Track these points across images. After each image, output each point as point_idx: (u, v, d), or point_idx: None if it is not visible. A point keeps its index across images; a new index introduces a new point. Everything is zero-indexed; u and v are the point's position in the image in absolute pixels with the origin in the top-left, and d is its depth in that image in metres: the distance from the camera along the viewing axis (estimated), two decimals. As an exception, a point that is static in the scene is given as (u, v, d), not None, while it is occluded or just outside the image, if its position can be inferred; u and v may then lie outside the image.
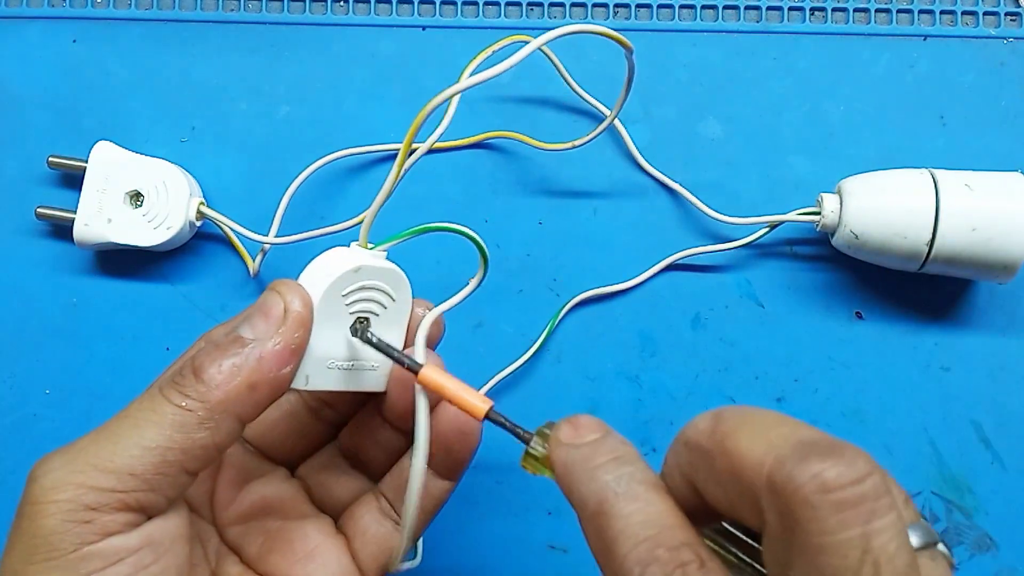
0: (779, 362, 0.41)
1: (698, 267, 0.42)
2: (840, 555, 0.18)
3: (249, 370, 0.25)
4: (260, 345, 0.25)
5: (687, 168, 0.42)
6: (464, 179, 0.42)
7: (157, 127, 0.43)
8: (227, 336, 0.26)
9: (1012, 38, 0.43)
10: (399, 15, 0.44)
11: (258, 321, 0.26)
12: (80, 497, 0.23)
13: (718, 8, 0.44)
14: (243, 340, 0.25)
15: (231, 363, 0.25)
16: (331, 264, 0.27)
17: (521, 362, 0.41)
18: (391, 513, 0.30)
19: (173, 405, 0.24)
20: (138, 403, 0.25)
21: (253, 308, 0.26)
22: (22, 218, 0.42)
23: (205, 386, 0.24)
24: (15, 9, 0.44)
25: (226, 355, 0.25)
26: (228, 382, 0.25)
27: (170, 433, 0.24)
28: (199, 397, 0.24)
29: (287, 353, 0.26)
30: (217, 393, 0.24)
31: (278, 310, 0.26)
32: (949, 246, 0.37)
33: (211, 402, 0.24)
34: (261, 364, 0.25)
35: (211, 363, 0.25)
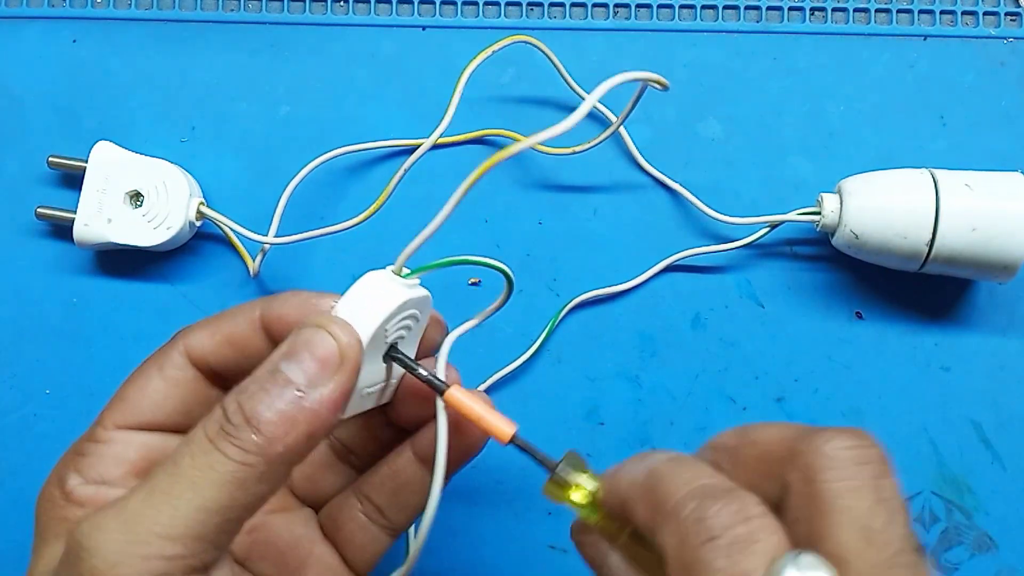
0: (779, 362, 0.41)
1: (698, 267, 0.42)
2: (857, 497, 0.21)
3: (307, 421, 0.24)
4: (316, 392, 0.24)
5: (687, 168, 0.42)
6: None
7: (157, 127, 0.43)
8: (273, 376, 0.24)
9: (1012, 38, 0.43)
10: (399, 15, 0.44)
11: (309, 364, 0.24)
12: (150, 570, 0.22)
13: (718, 8, 0.44)
14: (294, 384, 0.24)
15: (287, 412, 0.23)
16: (376, 299, 0.26)
17: (520, 362, 0.41)
18: (378, 518, 0.30)
19: (233, 462, 0.23)
20: (190, 458, 0.23)
21: (299, 344, 0.25)
22: (22, 218, 0.42)
23: (264, 439, 0.23)
24: (15, 9, 0.44)
25: (281, 402, 0.23)
26: (287, 434, 0.23)
27: (231, 492, 0.23)
28: (258, 451, 0.23)
29: (342, 399, 0.25)
30: (277, 447, 0.23)
31: (332, 354, 0.24)
32: (949, 246, 0.37)
33: (270, 456, 0.23)
34: (318, 414, 0.24)
35: (267, 411, 0.23)
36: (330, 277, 0.42)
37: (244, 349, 0.28)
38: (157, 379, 0.28)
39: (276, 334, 0.28)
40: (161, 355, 0.28)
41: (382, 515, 0.30)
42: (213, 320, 0.29)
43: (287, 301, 0.28)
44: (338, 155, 0.41)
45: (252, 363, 0.26)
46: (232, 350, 0.28)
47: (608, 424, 0.41)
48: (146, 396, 0.28)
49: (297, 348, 0.25)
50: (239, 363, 0.28)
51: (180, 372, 0.28)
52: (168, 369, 0.28)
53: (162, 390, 0.28)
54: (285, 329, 0.27)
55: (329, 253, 0.42)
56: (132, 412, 0.27)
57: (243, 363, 0.28)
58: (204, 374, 0.28)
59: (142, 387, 0.28)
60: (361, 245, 0.42)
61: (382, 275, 0.27)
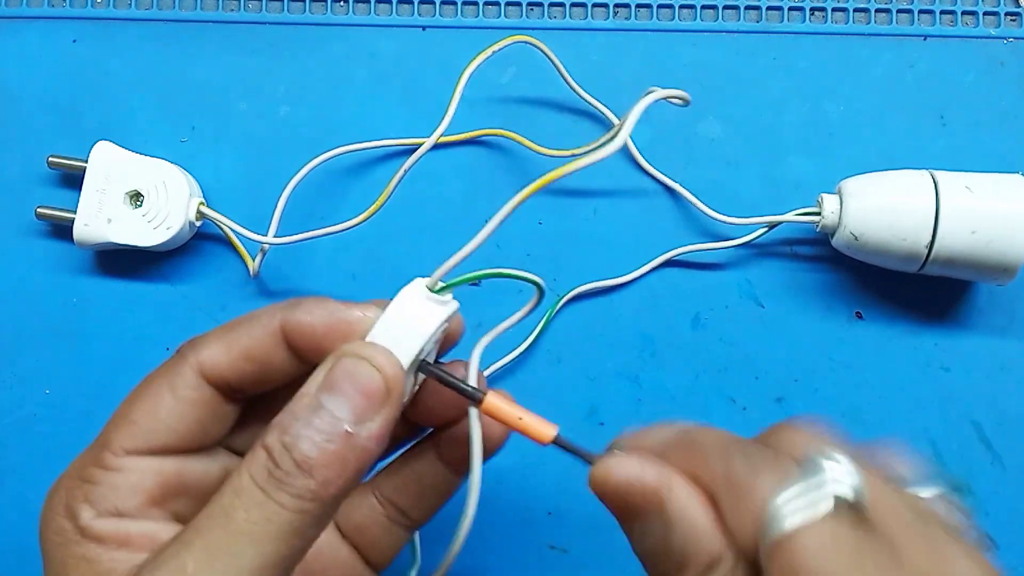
0: (779, 362, 0.41)
1: (698, 266, 0.42)
2: None
3: (357, 459, 0.23)
4: (365, 428, 0.23)
5: (687, 168, 0.42)
6: (464, 179, 0.42)
7: (157, 127, 0.43)
8: (317, 413, 0.23)
9: (1012, 38, 0.43)
10: (399, 15, 0.44)
11: (355, 398, 0.23)
12: None
13: (718, 8, 0.44)
14: (341, 420, 0.23)
15: (339, 453, 0.23)
16: (415, 321, 0.25)
17: (517, 353, 0.40)
18: (400, 519, 0.29)
19: (289, 512, 0.22)
20: (245, 512, 0.22)
21: (340, 376, 0.23)
22: (22, 218, 0.42)
23: (318, 483, 0.22)
24: (15, 9, 0.44)
25: (331, 442, 0.23)
26: (340, 476, 0.23)
27: (290, 542, 0.22)
28: (313, 497, 0.22)
29: (388, 431, 0.24)
30: (331, 489, 0.22)
31: (378, 387, 0.24)
32: (948, 248, 0.37)
33: (325, 499, 0.22)
34: (369, 451, 0.23)
35: (317, 453, 0.22)
36: (330, 277, 0.42)
37: (265, 364, 0.26)
38: (169, 399, 0.26)
39: (301, 348, 0.26)
40: (171, 372, 0.26)
41: (404, 515, 0.29)
42: (226, 331, 0.26)
43: (311, 311, 0.26)
44: (338, 155, 0.41)
45: (273, 378, 0.26)
46: (251, 365, 0.26)
47: (608, 424, 0.41)
48: (159, 419, 0.25)
49: (338, 380, 0.23)
50: (259, 378, 0.26)
51: (195, 392, 0.26)
52: (181, 389, 0.26)
53: (176, 411, 0.26)
54: (311, 343, 0.25)
55: (329, 253, 0.42)
56: (144, 436, 0.25)
57: (263, 378, 0.26)
58: (220, 391, 0.26)
59: (153, 408, 0.25)
60: (361, 245, 0.42)
61: (416, 292, 0.26)
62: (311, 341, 0.25)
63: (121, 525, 0.24)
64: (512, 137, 0.42)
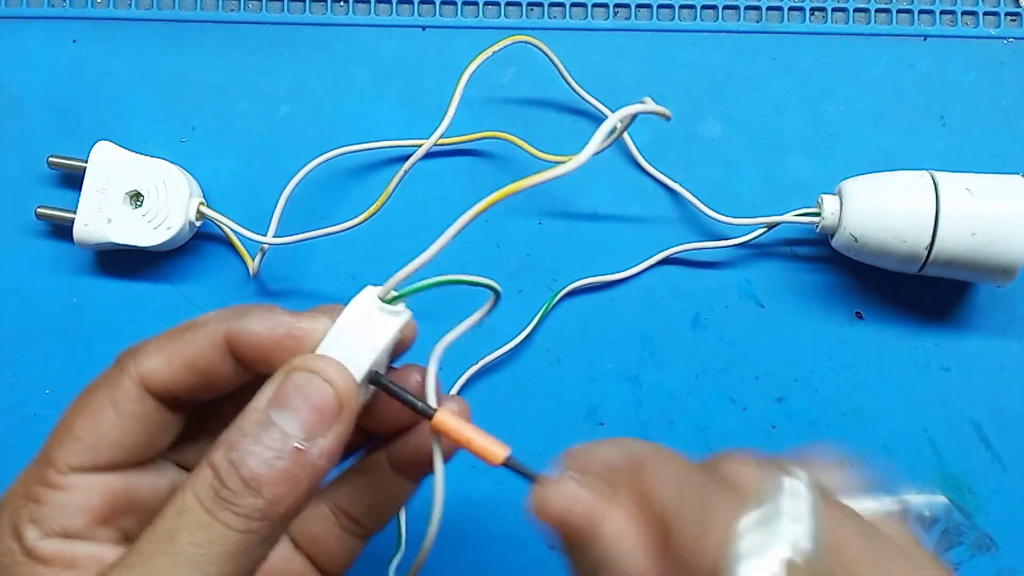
0: (779, 362, 0.41)
1: (697, 266, 0.42)
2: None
3: (308, 476, 0.22)
4: (316, 445, 0.22)
5: (687, 168, 0.42)
6: (464, 179, 0.42)
7: (157, 127, 0.43)
8: (266, 429, 0.22)
9: (1012, 38, 0.43)
10: (399, 15, 0.44)
11: (305, 413, 0.22)
12: None
13: (718, 8, 0.44)
14: (291, 437, 0.22)
15: (288, 470, 0.22)
16: (367, 333, 0.24)
17: (512, 345, 0.40)
18: (354, 528, 0.28)
19: (235, 532, 0.21)
20: (188, 534, 0.21)
21: (290, 390, 0.23)
22: (22, 218, 0.42)
23: (266, 502, 0.22)
24: (15, 9, 0.44)
25: (280, 459, 0.22)
26: (290, 494, 0.22)
27: (236, 563, 0.21)
28: (260, 516, 0.22)
29: (341, 447, 0.23)
30: (280, 508, 0.22)
31: (330, 402, 0.23)
32: (948, 250, 0.37)
33: (274, 518, 0.22)
34: (319, 467, 0.22)
35: (266, 471, 0.22)
36: (330, 277, 0.42)
37: (209, 375, 0.25)
38: (111, 413, 0.24)
39: (247, 359, 0.25)
40: (111, 385, 0.25)
41: (358, 524, 0.28)
42: (167, 341, 0.25)
43: (258, 321, 0.25)
44: (338, 155, 0.41)
45: (218, 387, 0.25)
46: (195, 376, 0.25)
47: (608, 424, 0.41)
48: (101, 434, 0.24)
49: (288, 395, 0.23)
50: (203, 388, 0.25)
51: (137, 405, 0.25)
52: (123, 402, 0.24)
53: (119, 426, 0.24)
54: (258, 354, 0.24)
55: (329, 253, 0.42)
56: (88, 453, 0.24)
57: (207, 388, 0.25)
58: (163, 402, 0.25)
59: (95, 423, 0.24)
60: (361, 245, 0.42)
61: (368, 302, 0.25)
62: (258, 352, 0.24)
63: (67, 547, 0.23)
64: (511, 140, 0.42)
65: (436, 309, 0.29)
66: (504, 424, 0.40)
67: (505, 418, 0.41)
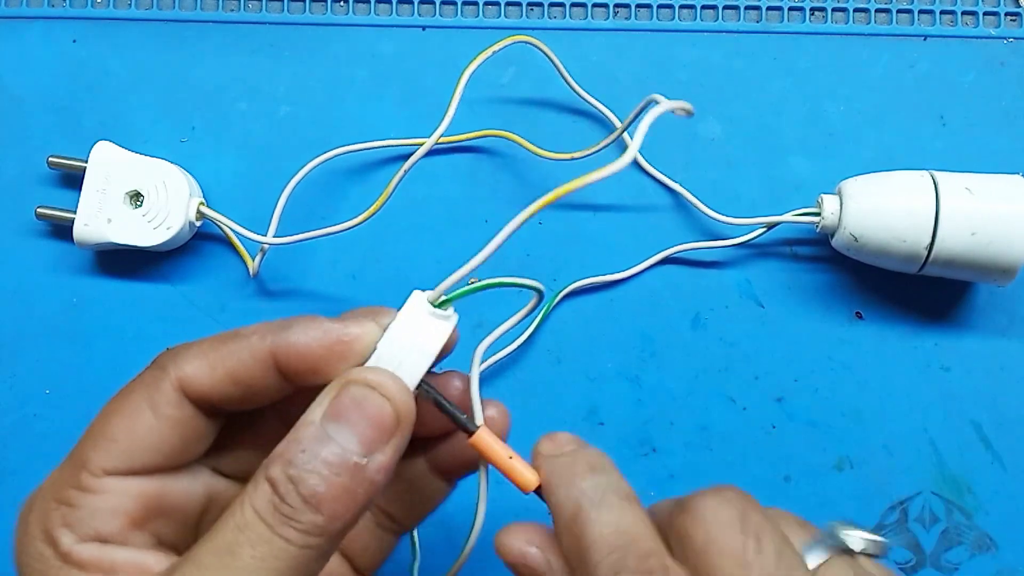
0: (779, 362, 0.41)
1: (698, 266, 0.42)
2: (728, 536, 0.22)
3: (366, 492, 0.22)
4: (375, 460, 0.22)
5: (687, 168, 0.42)
6: (464, 179, 0.42)
7: (157, 127, 0.43)
8: (324, 443, 0.22)
9: (1012, 38, 0.43)
10: (399, 15, 0.44)
11: (364, 429, 0.22)
12: None
13: (718, 8, 0.44)
14: (350, 452, 0.22)
15: (348, 486, 0.22)
16: (420, 341, 0.24)
17: (512, 348, 0.40)
18: (390, 525, 0.29)
19: (296, 548, 0.21)
20: (250, 547, 0.21)
21: (347, 405, 0.23)
22: (22, 218, 0.42)
23: (325, 519, 0.22)
24: (15, 9, 0.44)
25: (339, 476, 0.22)
26: (348, 510, 0.22)
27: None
28: (320, 532, 0.22)
29: (397, 461, 0.23)
30: (338, 524, 0.22)
31: (388, 417, 0.23)
32: (948, 250, 0.37)
33: (332, 533, 0.22)
34: (377, 483, 0.22)
35: (325, 488, 0.22)
36: (330, 277, 0.42)
37: (251, 388, 0.25)
38: (149, 417, 0.24)
39: (295, 371, 0.24)
40: (151, 388, 0.25)
41: (394, 521, 0.29)
42: (209, 348, 0.25)
43: (304, 331, 0.24)
44: (338, 155, 0.41)
45: (258, 400, 0.25)
46: (236, 388, 0.25)
47: (608, 424, 0.41)
48: (139, 437, 0.24)
49: (346, 409, 0.23)
50: (243, 400, 0.25)
51: (176, 410, 0.24)
52: (162, 407, 0.24)
53: (157, 431, 0.24)
54: (306, 366, 0.24)
55: (329, 253, 0.42)
56: (124, 456, 0.24)
57: (248, 399, 0.25)
58: (202, 410, 0.25)
59: (132, 426, 0.24)
60: (361, 245, 0.42)
61: (419, 308, 0.25)
62: (308, 363, 0.24)
63: (105, 552, 0.23)
64: (512, 139, 0.42)
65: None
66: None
67: (505, 418, 0.41)
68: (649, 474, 0.40)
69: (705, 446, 0.41)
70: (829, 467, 0.40)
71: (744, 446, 0.41)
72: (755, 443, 0.41)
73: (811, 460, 0.40)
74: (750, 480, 0.40)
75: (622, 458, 0.41)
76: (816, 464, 0.40)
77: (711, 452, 0.40)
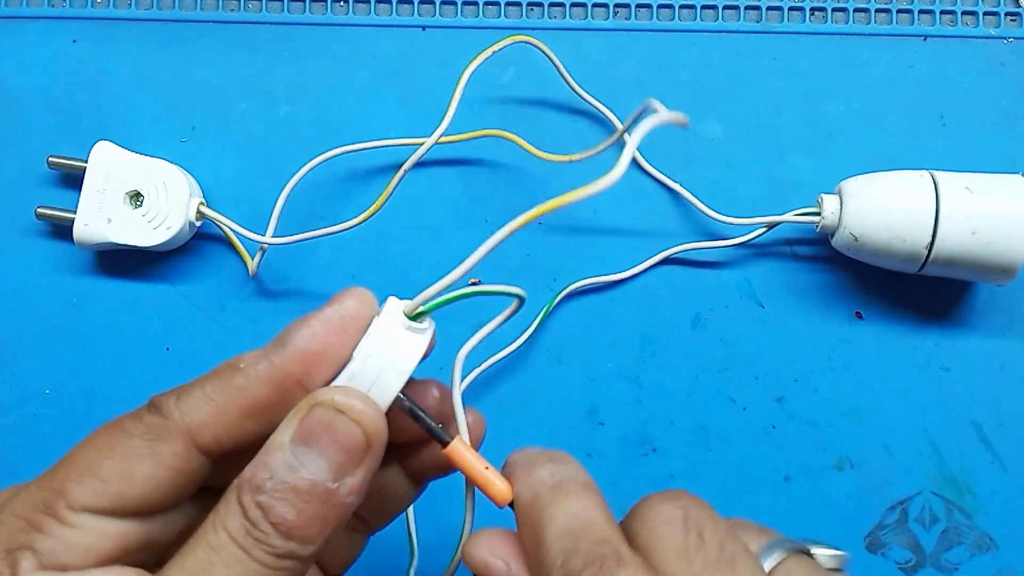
0: (779, 362, 0.41)
1: (698, 266, 0.42)
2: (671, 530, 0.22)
3: (337, 516, 0.22)
4: (345, 484, 0.22)
5: (687, 168, 0.42)
6: (464, 179, 0.42)
7: (157, 127, 0.43)
8: (293, 471, 0.22)
9: (1012, 38, 0.43)
10: (399, 15, 0.44)
11: (334, 453, 0.22)
12: None
13: (718, 8, 0.44)
14: (320, 479, 0.22)
15: (319, 512, 0.22)
16: (395, 359, 0.23)
17: (513, 348, 0.40)
18: (359, 526, 0.28)
19: (269, 569, 0.21)
20: (225, 568, 0.21)
21: (316, 428, 0.22)
22: (22, 218, 0.42)
23: (297, 543, 0.22)
24: (15, 9, 0.44)
25: (310, 503, 0.22)
26: (320, 534, 0.22)
27: None
28: (292, 555, 0.22)
29: (368, 482, 0.23)
30: (311, 547, 0.22)
31: (359, 442, 0.22)
32: (948, 249, 0.37)
33: (305, 556, 0.22)
34: (348, 506, 0.22)
35: (295, 515, 0.21)
36: (330, 277, 0.42)
37: (269, 415, 0.23)
38: (148, 465, 0.23)
39: (311, 376, 0.23)
40: (153, 437, 0.23)
41: (363, 523, 0.29)
42: (213, 390, 0.23)
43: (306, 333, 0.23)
44: (337, 155, 0.41)
45: (277, 423, 0.24)
46: (255, 421, 0.23)
47: (608, 424, 0.41)
48: (133, 484, 0.22)
49: (315, 433, 0.22)
50: (260, 430, 0.24)
51: (182, 461, 0.23)
52: (167, 458, 0.23)
53: (154, 479, 0.23)
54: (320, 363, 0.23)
55: (329, 253, 0.42)
56: (112, 498, 0.22)
57: (267, 427, 0.24)
58: (208, 454, 0.24)
59: (127, 471, 0.22)
60: (361, 245, 0.42)
61: (394, 320, 0.24)
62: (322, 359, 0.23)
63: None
64: (511, 138, 0.41)
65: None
66: (505, 424, 0.40)
67: (506, 418, 0.41)
68: (649, 474, 0.40)
69: (705, 446, 0.41)
70: (829, 467, 0.40)
71: (744, 446, 0.41)
72: (755, 443, 0.41)
73: (811, 460, 0.40)
74: (750, 480, 0.40)
75: (622, 458, 0.41)
76: (816, 464, 0.40)
77: (711, 452, 0.40)
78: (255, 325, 0.41)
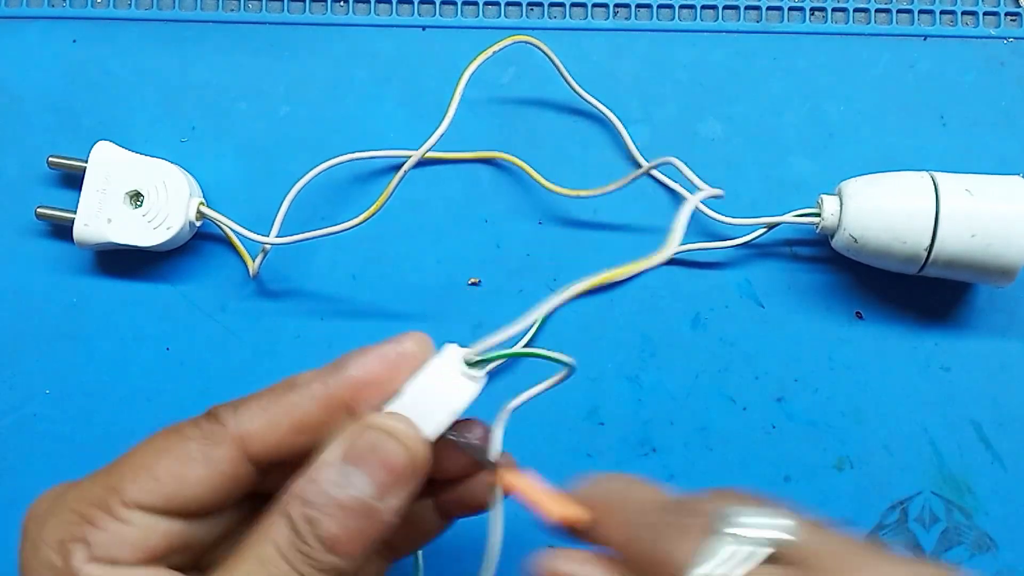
0: (779, 362, 0.41)
1: (698, 266, 0.42)
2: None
3: (379, 533, 0.23)
4: (388, 504, 0.23)
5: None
6: (464, 179, 0.42)
7: (157, 127, 0.43)
8: (341, 487, 0.23)
9: (1012, 38, 0.43)
10: (399, 15, 0.44)
11: (380, 474, 0.23)
12: None
13: (718, 8, 0.44)
14: (366, 497, 0.23)
15: (363, 530, 0.23)
16: (448, 398, 0.25)
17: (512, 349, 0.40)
18: (387, 552, 0.29)
19: None
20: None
21: (364, 449, 0.24)
22: (22, 218, 0.42)
23: (340, 559, 0.23)
24: (15, 9, 0.44)
25: (355, 520, 0.23)
26: (362, 550, 0.23)
27: None
28: (334, 570, 0.23)
29: (409, 504, 0.24)
30: (352, 563, 0.23)
31: (404, 465, 0.24)
32: (948, 251, 0.37)
33: (345, 572, 0.23)
34: (389, 525, 0.24)
35: (341, 531, 0.23)
36: (330, 278, 0.42)
37: (317, 433, 0.25)
38: (201, 468, 0.24)
39: (359, 401, 0.25)
40: (208, 441, 0.24)
41: (391, 549, 0.29)
42: (268, 402, 0.25)
43: (361, 364, 0.25)
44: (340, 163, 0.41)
45: (321, 442, 0.25)
46: (303, 437, 0.25)
47: (608, 424, 0.41)
48: (186, 485, 0.24)
49: (364, 453, 0.23)
50: (307, 447, 0.25)
51: (232, 468, 0.24)
52: (219, 463, 0.24)
53: (207, 482, 0.24)
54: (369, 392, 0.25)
55: (329, 254, 0.42)
56: (164, 497, 0.24)
57: (312, 444, 0.25)
58: (257, 463, 0.25)
59: (181, 472, 0.24)
60: (361, 246, 0.42)
61: (453, 362, 0.25)
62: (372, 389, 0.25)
63: (115, 574, 0.23)
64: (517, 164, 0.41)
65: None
66: (505, 424, 0.40)
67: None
68: (649, 474, 0.40)
69: (705, 446, 0.41)
70: (829, 467, 0.40)
71: (744, 446, 0.41)
72: (755, 443, 0.41)
73: (811, 460, 0.40)
74: (750, 480, 0.40)
75: (622, 458, 0.41)
76: (816, 464, 0.40)
77: (711, 452, 0.41)
78: (255, 325, 0.41)
